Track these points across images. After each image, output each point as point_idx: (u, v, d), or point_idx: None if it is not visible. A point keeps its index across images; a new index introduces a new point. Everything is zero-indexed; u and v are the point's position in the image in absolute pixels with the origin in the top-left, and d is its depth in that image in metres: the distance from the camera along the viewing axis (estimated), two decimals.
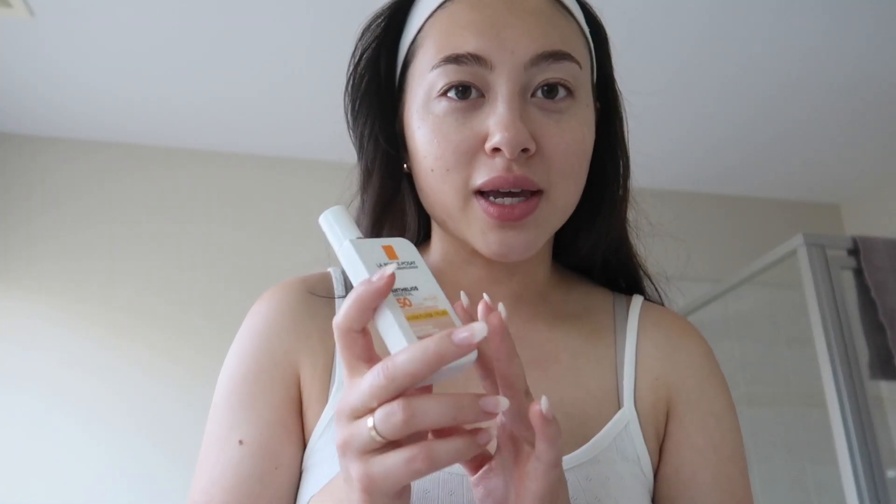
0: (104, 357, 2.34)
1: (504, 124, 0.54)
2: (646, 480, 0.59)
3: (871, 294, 1.80)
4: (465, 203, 0.57)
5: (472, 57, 0.56)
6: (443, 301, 0.44)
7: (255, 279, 2.44)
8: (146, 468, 2.25)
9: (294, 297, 0.64)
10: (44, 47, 2.14)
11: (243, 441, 0.57)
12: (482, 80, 0.57)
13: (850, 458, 1.60)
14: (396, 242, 0.46)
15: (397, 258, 0.45)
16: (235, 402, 0.59)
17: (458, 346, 0.39)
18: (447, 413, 0.39)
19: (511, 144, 0.54)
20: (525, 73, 0.56)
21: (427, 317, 0.42)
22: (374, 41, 0.64)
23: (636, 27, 2.08)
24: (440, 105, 0.57)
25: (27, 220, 2.48)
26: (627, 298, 0.69)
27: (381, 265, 0.43)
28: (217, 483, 0.56)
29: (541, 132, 0.56)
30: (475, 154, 0.56)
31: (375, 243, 0.45)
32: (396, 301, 0.42)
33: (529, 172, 0.55)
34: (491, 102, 0.56)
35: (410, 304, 0.42)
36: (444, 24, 0.59)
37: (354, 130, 0.65)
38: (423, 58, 0.59)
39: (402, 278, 0.44)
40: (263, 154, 2.71)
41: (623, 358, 0.63)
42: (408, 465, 0.39)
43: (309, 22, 2.05)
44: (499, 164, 0.55)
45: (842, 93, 2.41)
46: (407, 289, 0.43)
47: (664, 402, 0.62)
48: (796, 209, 3.11)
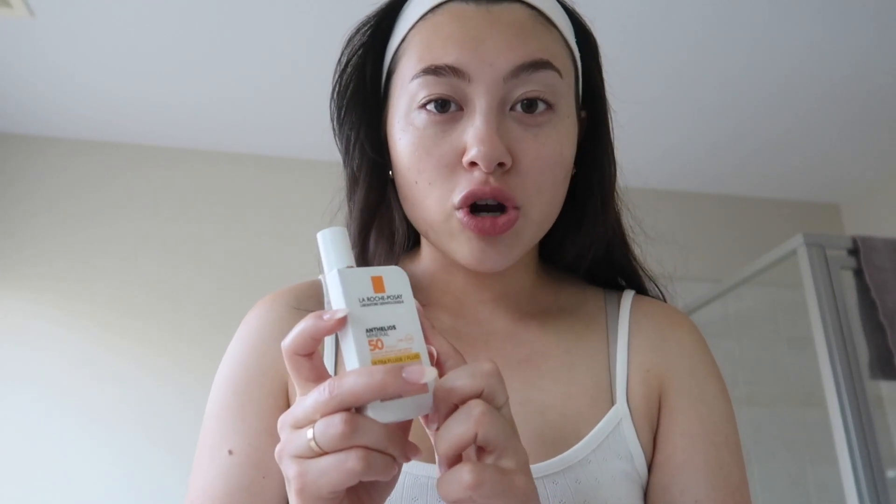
0: (104, 357, 2.34)
1: (480, 138, 0.55)
2: (638, 478, 0.59)
3: (871, 294, 1.80)
4: (446, 217, 0.58)
5: (450, 69, 0.57)
6: (418, 343, 0.44)
7: (254, 279, 2.45)
8: (146, 468, 2.25)
9: (284, 307, 0.65)
10: (44, 47, 2.14)
11: (233, 451, 0.58)
12: (461, 92, 0.57)
13: (850, 458, 1.60)
14: (388, 273, 0.45)
15: (384, 291, 0.44)
16: (225, 412, 0.60)
17: (404, 381, 0.39)
18: (382, 436, 0.40)
19: (486, 158, 0.54)
20: (504, 86, 0.57)
21: (396, 361, 0.42)
22: (360, 48, 0.64)
23: (635, 27, 2.08)
24: (420, 117, 0.58)
25: (27, 220, 2.48)
26: (618, 293, 0.69)
27: (364, 300, 0.43)
28: (207, 492, 0.57)
29: (518, 146, 0.57)
30: (455, 168, 0.57)
31: (364, 274, 0.44)
32: (367, 342, 0.42)
33: (506, 186, 0.56)
34: (469, 116, 0.57)
35: (381, 347, 0.42)
36: (426, 35, 0.59)
37: (340, 137, 0.66)
38: (406, 67, 0.60)
39: (381, 315, 0.43)
40: (263, 154, 2.71)
41: (615, 353, 0.63)
42: (341, 465, 0.39)
43: (308, 22, 2.05)
44: (477, 177, 0.56)
45: (842, 93, 2.41)
46: (384, 328, 0.43)
47: (657, 393, 0.62)
48: (796, 209, 3.11)
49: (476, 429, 0.40)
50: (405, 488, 0.54)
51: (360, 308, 0.43)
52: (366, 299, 0.43)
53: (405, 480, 0.54)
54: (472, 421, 0.40)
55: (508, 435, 0.42)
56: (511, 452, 0.42)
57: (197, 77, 2.29)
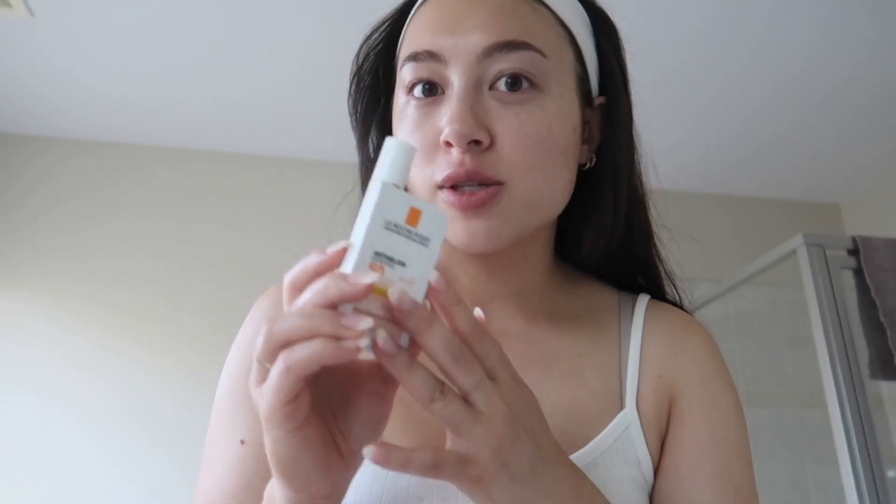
0: (104, 357, 2.34)
1: (452, 117, 0.55)
2: (645, 484, 0.58)
3: (871, 294, 1.79)
4: (432, 198, 0.58)
5: (427, 54, 0.58)
6: (418, 293, 0.41)
7: (254, 279, 2.44)
8: (146, 468, 2.25)
9: None
10: (44, 47, 2.14)
11: (245, 440, 0.57)
12: (440, 75, 0.58)
13: (850, 458, 1.60)
14: (429, 212, 0.42)
15: (416, 227, 0.41)
16: (237, 401, 0.59)
17: (350, 284, 0.38)
18: (302, 324, 0.39)
19: (457, 136, 0.54)
20: (478, 66, 0.57)
21: (384, 295, 0.40)
22: (375, 47, 0.66)
23: (635, 27, 2.07)
24: (410, 105, 0.59)
25: (27, 220, 2.48)
26: (633, 297, 0.68)
27: (390, 224, 0.40)
28: (220, 483, 0.56)
29: (497, 124, 0.56)
30: (435, 150, 0.57)
31: (406, 200, 0.41)
32: (370, 262, 0.40)
33: (482, 165, 0.56)
34: (448, 98, 0.58)
35: (381, 274, 0.40)
36: (414, 26, 0.61)
37: (355, 132, 0.69)
38: (400, 60, 0.62)
39: (397, 247, 0.41)
40: (263, 154, 2.71)
41: (627, 357, 0.62)
42: (276, 371, 0.39)
43: (309, 22, 2.05)
44: (454, 158, 0.56)
45: (842, 93, 2.41)
46: (392, 259, 0.40)
47: (667, 399, 0.61)
48: (796, 209, 3.11)
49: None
50: (411, 486, 0.53)
51: (381, 229, 0.40)
52: (392, 224, 0.41)
53: (411, 479, 0.53)
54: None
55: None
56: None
57: (197, 77, 2.29)
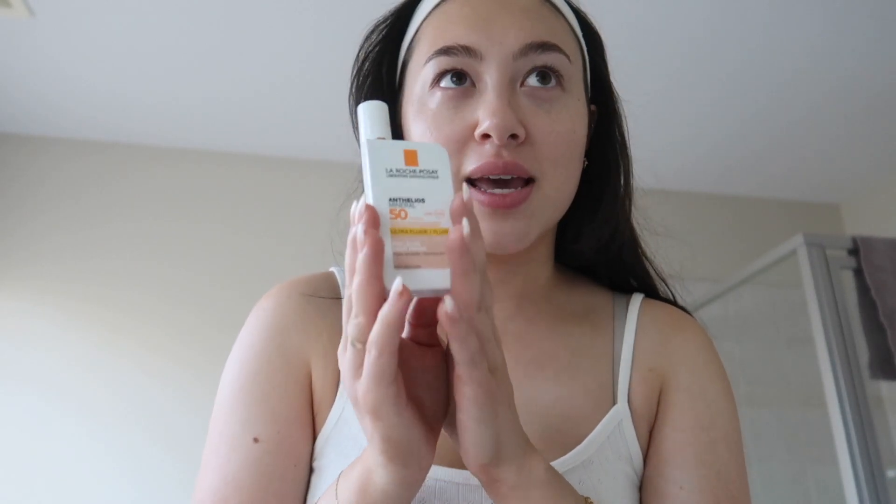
0: (104, 357, 2.34)
1: (492, 110, 0.55)
2: (636, 479, 0.59)
3: (871, 294, 1.80)
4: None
5: (462, 48, 0.58)
6: (448, 220, 0.41)
7: (254, 279, 2.43)
8: (146, 468, 2.24)
9: (300, 295, 0.63)
10: (44, 47, 2.14)
11: (259, 438, 0.56)
12: (473, 70, 0.58)
13: (850, 458, 1.60)
14: (425, 147, 0.42)
15: (417, 165, 0.41)
16: (247, 399, 0.58)
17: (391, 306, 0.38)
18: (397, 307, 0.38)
19: (499, 129, 0.54)
20: (514, 63, 0.58)
21: (420, 233, 0.39)
22: (377, 44, 0.66)
23: (636, 27, 2.08)
24: (434, 98, 0.59)
25: (27, 220, 2.48)
26: (627, 296, 0.69)
27: (392, 171, 0.40)
28: (232, 482, 0.54)
29: (531, 120, 0.57)
30: (466, 142, 0.57)
31: (397, 146, 0.41)
32: (389, 210, 0.39)
33: (520, 159, 0.56)
34: (481, 92, 0.58)
35: (405, 217, 0.39)
36: (438, 22, 0.61)
37: (356, 131, 0.66)
38: (419, 55, 0.61)
39: (409, 187, 0.40)
40: (263, 154, 2.71)
41: (620, 354, 0.63)
42: (371, 357, 0.39)
43: (309, 22, 2.05)
44: (489, 150, 0.56)
45: (842, 92, 2.41)
46: (410, 199, 0.40)
47: (657, 392, 0.62)
48: (796, 209, 3.11)
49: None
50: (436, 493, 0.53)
51: (385, 178, 0.40)
52: (394, 170, 0.41)
53: (435, 486, 0.53)
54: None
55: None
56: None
57: (197, 77, 2.29)
